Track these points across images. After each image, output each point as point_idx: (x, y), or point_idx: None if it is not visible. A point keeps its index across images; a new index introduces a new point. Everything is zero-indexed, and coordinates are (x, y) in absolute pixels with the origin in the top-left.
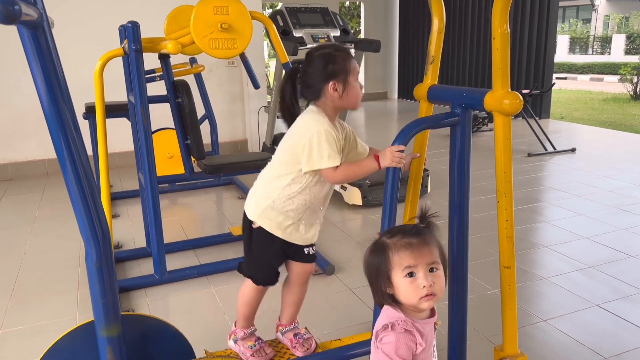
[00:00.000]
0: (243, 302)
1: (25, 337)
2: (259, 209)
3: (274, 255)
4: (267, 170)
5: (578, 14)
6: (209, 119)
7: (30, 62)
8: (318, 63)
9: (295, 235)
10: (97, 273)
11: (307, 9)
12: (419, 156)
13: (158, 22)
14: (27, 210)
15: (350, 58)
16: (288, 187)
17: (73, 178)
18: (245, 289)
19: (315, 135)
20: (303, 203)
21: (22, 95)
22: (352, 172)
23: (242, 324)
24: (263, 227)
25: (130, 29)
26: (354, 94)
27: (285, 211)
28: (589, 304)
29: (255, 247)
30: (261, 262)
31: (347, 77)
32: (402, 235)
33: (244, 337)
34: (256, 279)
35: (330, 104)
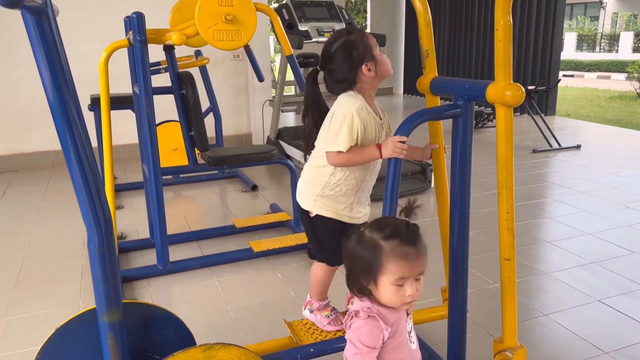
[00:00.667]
0: (317, 281)
1: (29, 325)
2: (311, 198)
3: (337, 237)
4: (310, 160)
5: (586, 11)
6: (214, 112)
7: (34, 49)
8: (341, 56)
9: (352, 216)
10: (99, 259)
11: (312, 3)
12: (438, 147)
13: (163, 13)
14: (32, 200)
15: (363, 34)
16: (333, 176)
17: (76, 164)
18: (319, 270)
19: (341, 117)
20: (351, 188)
21: (28, 87)
22: (354, 158)
23: (318, 296)
24: (320, 215)
25: (135, 20)
26: (385, 64)
27: (337, 197)
28: (591, 299)
29: (320, 234)
30: (330, 246)
31: (373, 54)
32: (399, 242)
33: (319, 308)
34: (330, 261)
35: (367, 86)
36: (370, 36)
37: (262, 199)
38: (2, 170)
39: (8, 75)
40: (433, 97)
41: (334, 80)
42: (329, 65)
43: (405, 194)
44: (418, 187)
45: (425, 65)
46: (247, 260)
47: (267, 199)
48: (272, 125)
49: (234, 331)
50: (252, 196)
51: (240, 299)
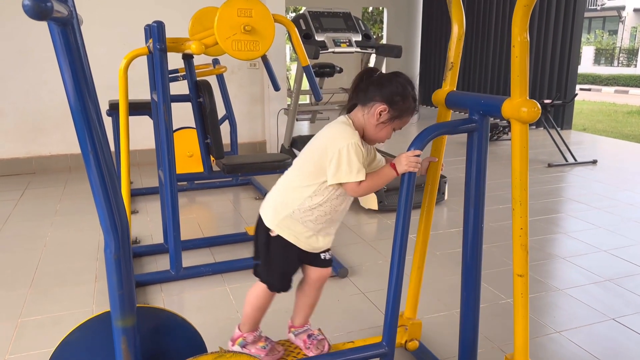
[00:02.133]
0: (254, 306)
1: (43, 327)
2: (277, 217)
3: (291, 262)
4: (288, 178)
5: (604, 24)
6: (229, 120)
7: (59, 57)
8: (395, 85)
9: (312, 245)
10: (115, 264)
11: (329, 14)
12: (437, 160)
13: (183, 23)
14: (49, 203)
15: (411, 114)
16: (309, 198)
17: (95, 171)
18: (259, 293)
19: (346, 148)
20: (323, 215)
21: (48, 90)
22: (374, 184)
23: (250, 327)
24: (281, 236)
25: (156, 29)
26: (385, 134)
27: (304, 222)
28: (605, 317)
29: (273, 255)
30: (278, 270)
31: (395, 118)
32: None
33: (254, 340)
34: (272, 285)
35: (362, 122)
36: (408, 121)
37: None
38: (21, 172)
39: (28, 78)
40: (446, 110)
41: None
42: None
43: (418, 206)
44: None
45: (447, 77)
46: None
47: None
48: (286, 133)
49: None
50: None
51: None
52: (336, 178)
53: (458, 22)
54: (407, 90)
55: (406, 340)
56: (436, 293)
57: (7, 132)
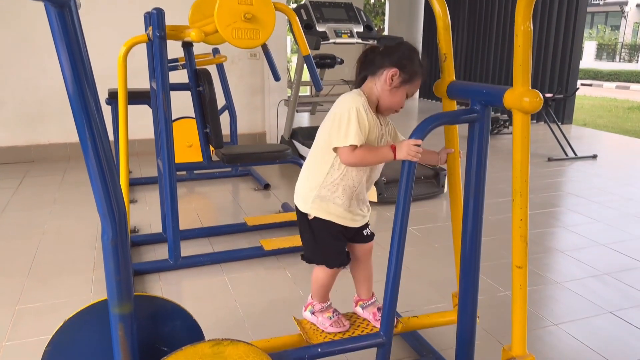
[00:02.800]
0: (318, 283)
1: (40, 314)
2: (308, 200)
3: (337, 239)
4: (308, 161)
5: (607, 20)
6: (229, 110)
7: (56, 41)
8: (402, 50)
9: (349, 219)
10: (112, 251)
11: (331, 4)
12: (454, 151)
13: (183, 10)
14: (48, 192)
15: (422, 76)
16: (329, 175)
17: (93, 156)
18: (320, 273)
19: (346, 111)
20: (348, 188)
21: (47, 79)
22: (368, 157)
23: (320, 298)
24: (318, 217)
25: (155, 16)
26: (399, 98)
27: (333, 198)
28: (602, 310)
29: (319, 236)
30: (330, 248)
31: (407, 82)
32: None
33: (321, 310)
34: (330, 263)
35: (374, 91)
36: (419, 84)
37: (274, 198)
38: (19, 160)
39: (27, 66)
40: (450, 101)
41: (375, 56)
42: (390, 46)
43: (418, 198)
44: (431, 192)
45: (443, 69)
46: (258, 258)
47: (279, 198)
48: (286, 125)
49: (242, 328)
50: (264, 195)
51: (249, 296)
52: (333, 143)
53: (441, 11)
54: (414, 54)
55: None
56: (434, 284)
57: (6, 121)
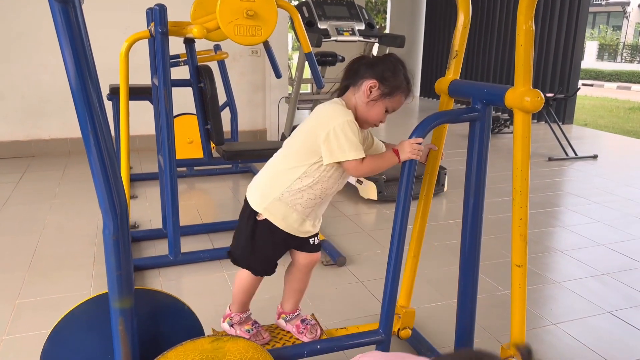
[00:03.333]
0: (240, 289)
1: (40, 308)
2: (265, 200)
3: (276, 248)
4: (276, 160)
5: (609, 20)
6: (230, 107)
7: (59, 36)
8: (387, 63)
9: (300, 229)
10: (114, 245)
11: (333, 1)
12: (437, 149)
13: (184, 7)
14: (48, 187)
15: (405, 95)
16: (299, 180)
17: (95, 151)
18: (243, 276)
19: (340, 126)
20: (312, 197)
21: (49, 74)
22: (376, 165)
23: (238, 308)
24: (268, 220)
25: (158, 12)
26: (377, 112)
27: (294, 205)
28: (601, 310)
29: (259, 240)
30: (261, 254)
31: (387, 95)
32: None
33: (240, 322)
34: (255, 270)
35: (353, 102)
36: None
37: None
38: (20, 155)
39: (29, 62)
40: (448, 99)
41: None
42: (377, 57)
43: (417, 197)
44: None
45: (450, 66)
46: None
47: None
48: (287, 122)
49: None
50: None
51: None
52: (334, 157)
53: (464, 10)
54: (398, 68)
55: (399, 328)
56: (433, 283)
57: (7, 115)
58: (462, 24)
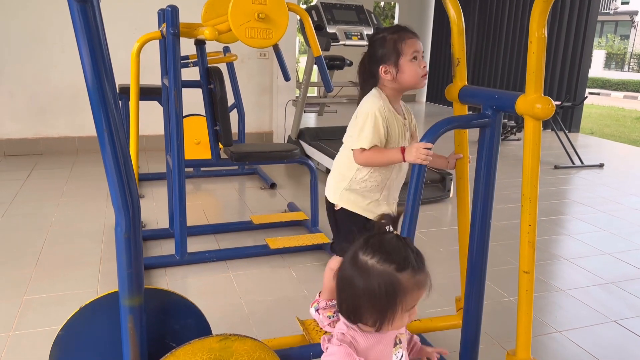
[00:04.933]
0: (330, 276)
1: (47, 306)
2: (337, 192)
3: (360, 230)
4: (340, 154)
5: (616, 29)
6: (238, 109)
7: (77, 35)
8: (371, 48)
9: (375, 211)
10: (125, 243)
11: (342, 6)
12: (462, 157)
13: (196, 8)
14: (56, 184)
15: (404, 39)
16: (359, 171)
17: (109, 150)
18: (333, 265)
19: (363, 115)
20: (376, 184)
21: (59, 72)
22: (375, 158)
23: (327, 295)
24: (345, 208)
25: (170, 13)
26: (408, 75)
27: (362, 192)
28: (606, 319)
29: (342, 227)
30: (349, 240)
31: (397, 60)
32: (412, 272)
33: (325, 307)
34: None
35: (388, 87)
36: (412, 44)
37: (280, 197)
38: (28, 153)
39: (40, 60)
40: (461, 106)
41: (363, 67)
42: (366, 53)
43: (424, 202)
44: (437, 196)
45: (456, 74)
46: (263, 256)
47: (285, 197)
48: (294, 124)
49: (247, 325)
50: (270, 194)
51: (254, 294)
52: (351, 145)
53: (456, 16)
54: (383, 36)
55: None
56: (439, 288)
57: (17, 113)
58: (457, 30)
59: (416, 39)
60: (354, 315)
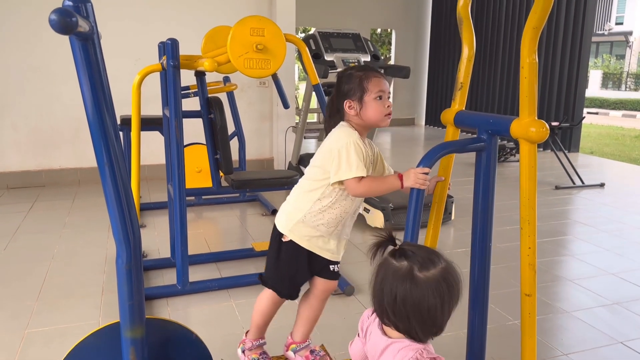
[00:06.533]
0: (259, 310)
1: (49, 338)
2: (290, 222)
3: (300, 269)
4: (299, 184)
5: (612, 49)
6: (238, 136)
7: (79, 71)
8: (338, 83)
9: (324, 249)
10: (127, 275)
11: (339, 34)
12: (444, 179)
13: (195, 40)
14: (58, 216)
15: (369, 77)
16: (319, 201)
17: (110, 182)
18: (264, 298)
19: (344, 146)
20: (334, 217)
21: (61, 105)
22: (375, 187)
23: (253, 334)
24: (293, 240)
25: (170, 46)
26: (372, 112)
27: (316, 225)
28: (612, 340)
29: (283, 260)
30: (287, 276)
31: (362, 96)
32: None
33: (251, 348)
34: (280, 291)
35: (353, 121)
36: (378, 83)
37: None
38: (31, 185)
39: (42, 93)
40: (454, 130)
41: (331, 101)
42: (335, 87)
43: (425, 225)
44: None
45: (456, 97)
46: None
47: None
48: (294, 151)
49: None
50: (271, 220)
51: None
52: (337, 176)
53: (468, 43)
54: (350, 73)
55: None
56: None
57: (20, 145)
58: (467, 56)
59: (382, 79)
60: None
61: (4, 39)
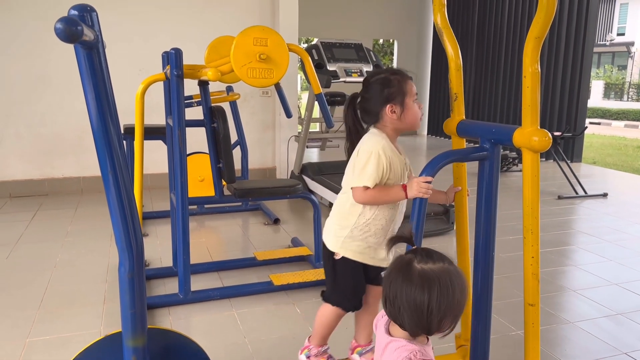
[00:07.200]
0: (322, 323)
1: (51, 347)
2: (339, 240)
3: (358, 282)
4: (339, 201)
5: (614, 60)
6: (241, 146)
7: (83, 80)
8: (375, 88)
9: (377, 259)
10: (129, 283)
11: (341, 44)
12: (461, 189)
13: (199, 50)
14: (60, 225)
15: (406, 80)
16: (362, 215)
17: (114, 191)
18: (327, 312)
19: (368, 154)
20: (380, 227)
21: (64, 114)
22: (380, 197)
23: (317, 342)
24: (345, 257)
25: (174, 56)
26: (412, 115)
27: (365, 238)
28: (616, 351)
29: (341, 277)
30: (348, 291)
31: (404, 99)
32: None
33: (317, 354)
34: (345, 306)
35: (390, 126)
36: (412, 86)
37: (284, 233)
38: (34, 194)
39: (45, 103)
40: (459, 139)
41: (363, 108)
42: (364, 93)
43: (428, 235)
44: (441, 228)
45: (454, 108)
46: (267, 293)
47: (288, 232)
48: (296, 160)
49: None
50: (273, 229)
51: (258, 332)
52: (350, 183)
53: (454, 53)
54: (386, 77)
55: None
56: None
57: (23, 154)
58: (455, 67)
59: (412, 81)
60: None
61: (8, 48)
